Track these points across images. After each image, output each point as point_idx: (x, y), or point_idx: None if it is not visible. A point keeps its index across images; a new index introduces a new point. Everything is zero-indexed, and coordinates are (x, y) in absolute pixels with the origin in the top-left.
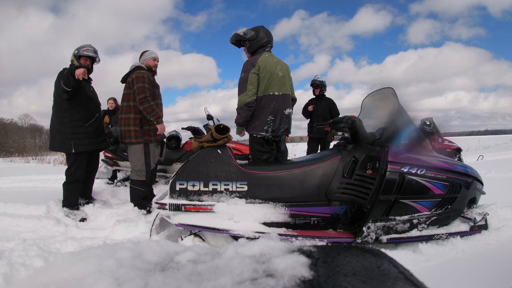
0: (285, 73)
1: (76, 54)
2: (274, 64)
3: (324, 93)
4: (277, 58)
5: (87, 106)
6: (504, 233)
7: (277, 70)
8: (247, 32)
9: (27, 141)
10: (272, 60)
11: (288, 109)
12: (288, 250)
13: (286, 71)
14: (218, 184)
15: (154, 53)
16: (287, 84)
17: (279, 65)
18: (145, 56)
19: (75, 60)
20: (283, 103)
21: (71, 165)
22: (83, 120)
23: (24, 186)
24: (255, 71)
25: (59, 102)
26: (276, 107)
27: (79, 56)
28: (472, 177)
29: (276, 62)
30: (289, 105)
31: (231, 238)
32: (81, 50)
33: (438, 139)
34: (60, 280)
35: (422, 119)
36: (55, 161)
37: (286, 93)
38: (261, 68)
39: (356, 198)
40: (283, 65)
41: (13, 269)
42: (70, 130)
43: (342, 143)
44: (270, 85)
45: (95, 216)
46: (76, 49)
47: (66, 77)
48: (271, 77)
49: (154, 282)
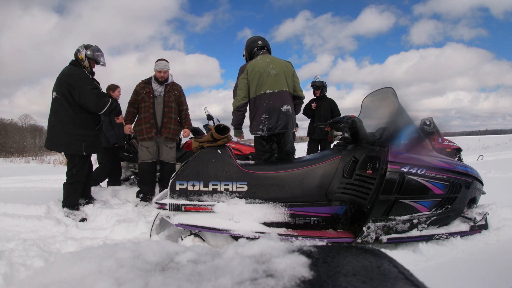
0: (280, 71)
1: (89, 55)
2: (266, 64)
3: (325, 93)
4: (273, 58)
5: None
6: (504, 233)
7: (268, 69)
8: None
9: (27, 142)
10: (264, 61)
11: (285, 106)
12: (288, 250)
13: (282, 68)
14: (218, 184)
15: (160, 64)
16: (283, 81)
17: (272, 63)
18: (154, 67)
19: (86, 60)
20: (278, 100)
21: (74, 167)
22: (94, 124)
23: (24, 187)
24: (244, 76)
25: (72, 104)
26: (270, 105)
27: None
28: (472, 177)
29: (268, 62)
30: (287, 101)
31: (231, 238)
32: (96, 54)
33: (438, 139)
34: (60, 280)
35: (422, 119)
36: (55, 161)
37: (281, 89)
38: (249, 72)
39: (356, 198)
40: (278, 63)
41: (13, 269)
42: (82, 132)
43: (342, 143)
44: (261, 85)
45: (95, 216)
46: (87, 46)
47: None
48: (261, 77)
49: (154, 282)
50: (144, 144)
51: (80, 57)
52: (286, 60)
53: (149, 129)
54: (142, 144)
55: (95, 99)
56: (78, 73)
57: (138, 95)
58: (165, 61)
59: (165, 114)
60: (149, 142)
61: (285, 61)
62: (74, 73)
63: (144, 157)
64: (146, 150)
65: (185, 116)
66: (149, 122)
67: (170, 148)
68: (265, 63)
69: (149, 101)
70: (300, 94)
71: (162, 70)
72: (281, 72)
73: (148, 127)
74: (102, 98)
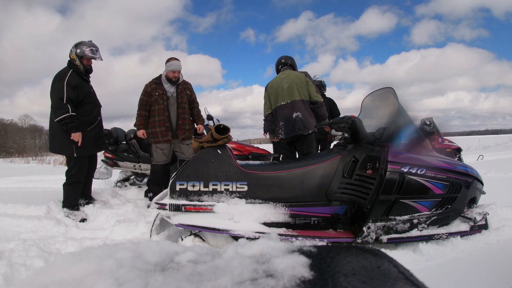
0: (292, 83)
1: (78, 54)
2: (280, 80)
3: (324, 93)
4: (288, 72)
5: (90, 111)
6: (504, 233)
7: (282, 84)
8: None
9: (27, 142)
10: (280, 78)
11: (295, 113)
12: (288, 250)
13: (294, 81)
14: (218, 184)
15: (174, 64)
16: (295, 92)
17: (286, 78)
18: (166, 66)
19: (77, 59)
20: (290, 109)
21: (72, 167)
22: (86, 125)
23: (24, 187)
24: (265, 93)
25: None
26: (285, 114)
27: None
28: (472, 177)
29: (283, 78)
30: (298, 109)
31: (231, 238)
32: (83, 50)
33: (438, 139)
34: (60, 280)
35: (422, 119)
36: (55, 161)
37: (293, 99)
38: (268, 89)
39: (356, 198)
40: (291, 77)
41: (13, 270)
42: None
43: (342, 143)
44: (277, 98)
45: (95, 216)
46: (76, 45)
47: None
48: (277, 92)
49: (154, 283)
50: (159, 146)
51: (72, 57)
52: (300, 72)
53: (165, 132)
54: (157, 146)
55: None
56: (58, 75)
57: (150, 96)
58: (178, 60)
59: (179, 116)
60: (164, 144)
61: (298, 73)
62: (55, 76)
63: (159, 159)
64: (161, 152)
65: (197, 113)
66: (164, 125)
67: (187, 145)
68: (280, 79)
69: (163, 103)
70: (316, 99)
71: (176, 70)
72: (293, 84)
73: (164, 130)
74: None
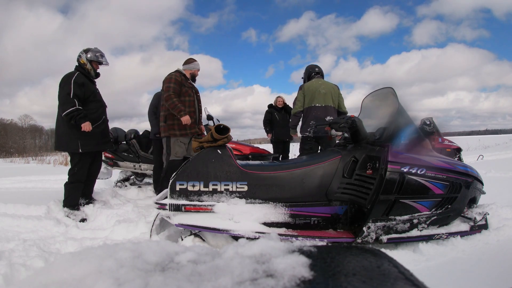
0: (328, 91)
1: (89, 58)
2: (318, 85)
3: None
4: (323, 81)
5: (95, 109)
6: (504, 233)
7: (319, 89)
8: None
9: (27, 142)
10: (317, 83)
11: (329, 117)
12: (288, 250)
13: (329, 90)
14: (218, 184)
15: (198, 64)
16: (330, 99)
17: (323, 85)
18: (192, 65)
19: (88, 63)
20: (325, 112)
21: (75, 165)
22: (91, 121)
23: (24, 187)
24: (302, 92)
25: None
26: (318, 115)
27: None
28: (472, 177)
29: (320, 84)
30: (331, 113)
31: (231, 238)
32: (97, 56)
33: (438, 139)
34: (60, 280)
35: (422, 119)
36: (55, 161)
37: (328, 105)
38: (305, 89)
39: (356, 198)
40: (327, 86)
41: (13, 270)
42: (78, 130)
43: (342, 143)
44: (313, 99)
45: (95, 216)
46: (85, 51)
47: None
48: (313, 94)
49: (154, 283)
50: (182, 140)
51: (82, 62)
52: (333, 84)
53: (193, 124)
54: (180, 140)
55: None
56: (66, 76)
57: (182, 86)
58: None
59: (200, 111)
60: (186, 138)
61: (333, 84)
62: (62, 78)
63: (181, 153)
64: (184, 146)
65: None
66: (193, 117)
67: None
68: (318, 84)
69: (193, 95)
70: (344, 110)
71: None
72: (329, 92)
73: (192, 122)
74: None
